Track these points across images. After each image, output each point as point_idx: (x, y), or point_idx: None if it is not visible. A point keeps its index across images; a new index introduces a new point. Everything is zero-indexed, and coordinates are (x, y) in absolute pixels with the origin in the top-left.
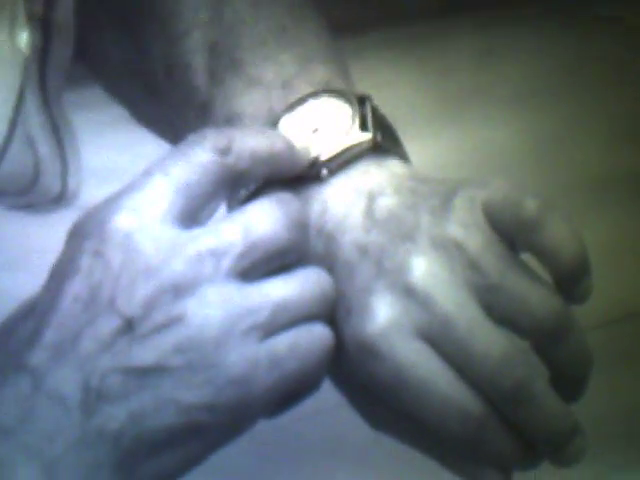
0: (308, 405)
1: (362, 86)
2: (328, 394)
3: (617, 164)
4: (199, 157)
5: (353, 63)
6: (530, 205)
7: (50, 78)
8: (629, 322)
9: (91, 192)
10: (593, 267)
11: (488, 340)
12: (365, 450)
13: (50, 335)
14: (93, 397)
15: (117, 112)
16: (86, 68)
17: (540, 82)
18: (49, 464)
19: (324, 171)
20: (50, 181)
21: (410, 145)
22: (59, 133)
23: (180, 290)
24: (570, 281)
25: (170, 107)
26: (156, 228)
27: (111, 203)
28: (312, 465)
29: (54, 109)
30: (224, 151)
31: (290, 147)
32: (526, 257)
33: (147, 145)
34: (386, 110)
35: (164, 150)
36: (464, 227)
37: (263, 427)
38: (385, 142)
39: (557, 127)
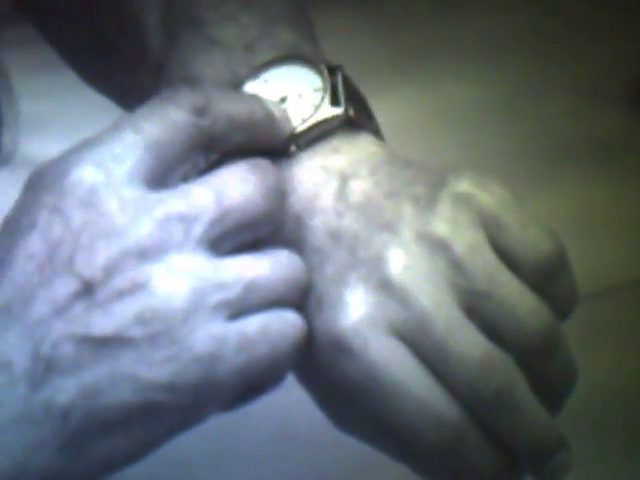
0: None
1: None
2: None
3: (585, 127)
4: (173, 115)
5: None
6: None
7: None
8: (603, 297)
9: (27, 143)
10: (563, 238)
11: (468, 342)
12: (316, 435)
13: None
14: (42, 367)
15: (52, 53)
16: (26, 15)
17: (506, 37)
18: None
19: (292, 147)
20: None
21: None
22: None
23: (145, 255)
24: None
25: (119, 65)
26: (122, 186)
27: (73, 155)
28: (258, 451)
29: None
30: (200, 112)
31: (270, 116)
32: None
33: (86, 91)
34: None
35: (105, 97)
36: (452, 224)
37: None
38: (358, 118)
39: (523, 85)
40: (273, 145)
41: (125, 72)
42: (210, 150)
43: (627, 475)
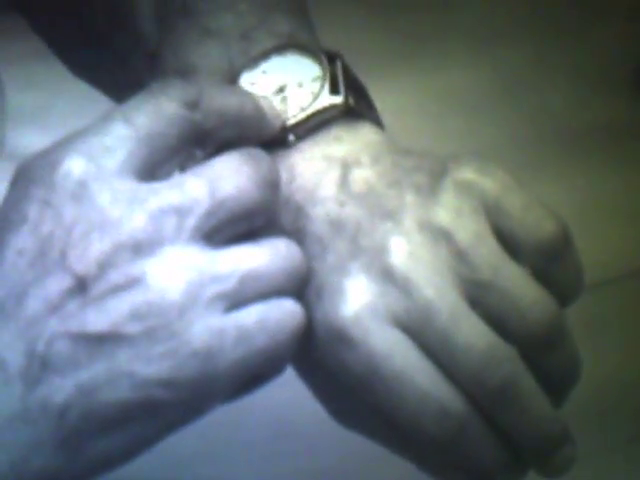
0: None
1: None
2: None
3: (588, 113)
4: (165, 108)
5: None
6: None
7: None
8: (606, 287)
9: (15, 136)
10: (571, 228)
11: (473, 333)
12: (316, 431)
13: None
14: (37, 365)
15: (41, 43)
16: (15, 6)
17: (504, 23)
18: None
19: (291, 137)
20: None
21: None
22: None
23: (139, 248)
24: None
25: (111, 56)
26: (113, 178)
27: (62, 147)
28: (258, 447)
29: None
30: (192, 105)
31: (260, 111)
32: None
33: (76, 82)
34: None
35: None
36: (455, 213)
37: None
38: (357, 106)
39: (522, 72)
40: (263, 140)
41: (118, 63)
42: (201, 144)
43: (634, 467)
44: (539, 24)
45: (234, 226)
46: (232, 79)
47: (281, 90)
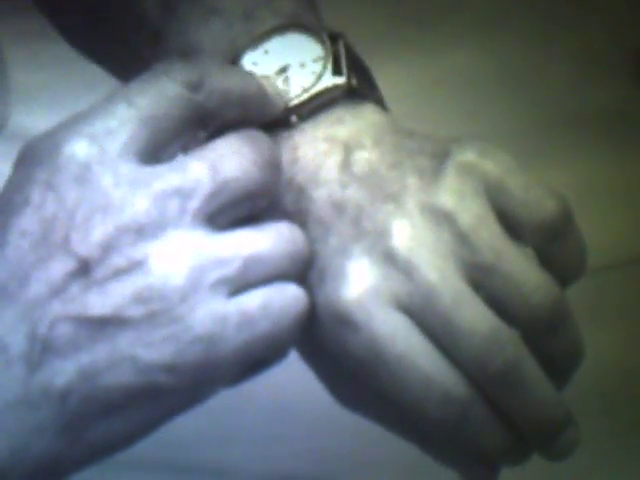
0: None
1: None
2: None
3: (588, 99)
4: (167, 89)
5: None
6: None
7: None
8: (607, 272)
9: (18, 114)
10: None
11: (475, 316)
12: (318, 415)
13: None
14: (39, 348)
15: (45, 22)
16: None
17: (508, 8)
18: None
19: (293, 118)
20: None
21: None
22: None
23: (142, 232)
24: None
25: (116, 36)
26: (116, 161)
27: (66, 128)
28: (261, 432)
29: None
30: (195, 86)
31: (263, 92)
32: None
33: (80, 61)
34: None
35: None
36: (458, 196)
37: None
38: (360, 87)
39: (524, 57)
40: (265, 121)
41: (120, 43)
42: (203, 125)
43: (637, 451)
44: (542, 9)
45: (236, 208)
46: (234, 59)
47: (283, 70)
